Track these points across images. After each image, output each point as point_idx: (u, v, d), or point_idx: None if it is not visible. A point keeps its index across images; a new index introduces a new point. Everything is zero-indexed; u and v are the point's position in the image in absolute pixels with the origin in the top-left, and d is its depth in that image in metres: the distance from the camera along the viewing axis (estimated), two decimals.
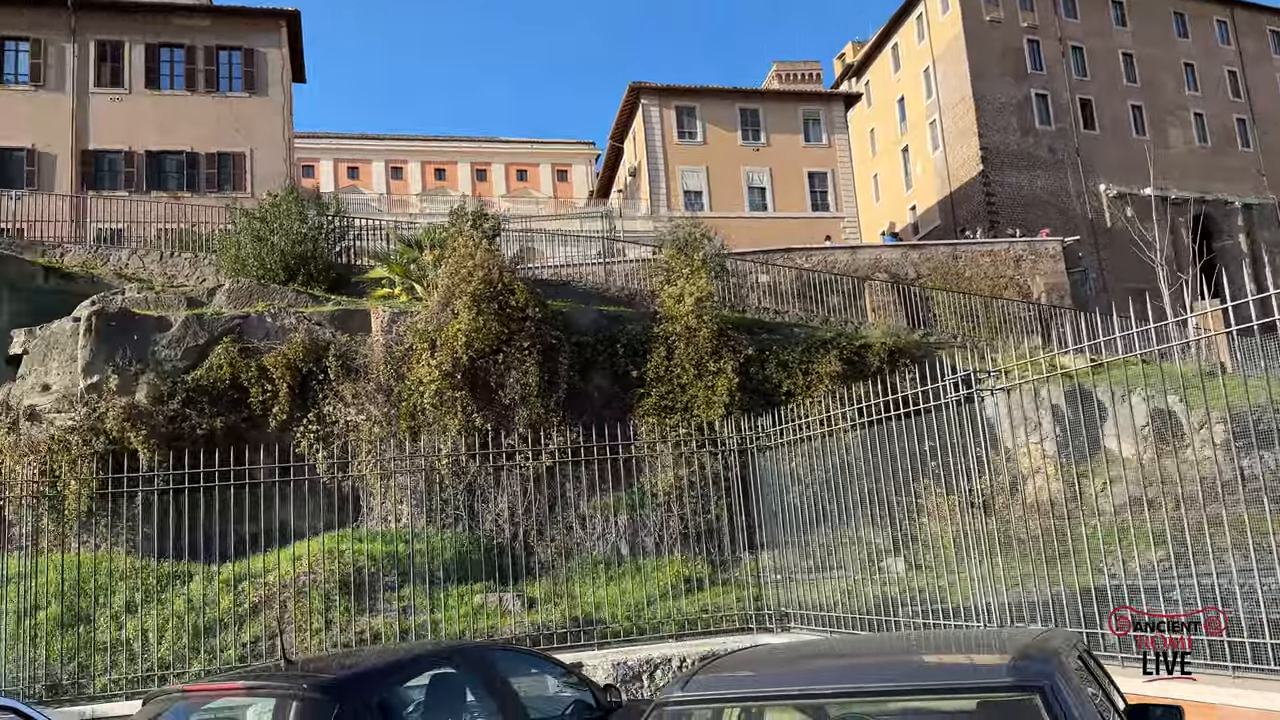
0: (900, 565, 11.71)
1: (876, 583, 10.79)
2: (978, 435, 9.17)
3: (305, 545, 13.03)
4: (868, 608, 10.39)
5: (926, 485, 11.65)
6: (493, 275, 15.31)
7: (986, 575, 9.12)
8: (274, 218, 18.01)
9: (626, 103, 40.87)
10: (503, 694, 4.95)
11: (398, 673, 4.69)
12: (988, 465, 10.08)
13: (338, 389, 15.44)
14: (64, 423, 14.93)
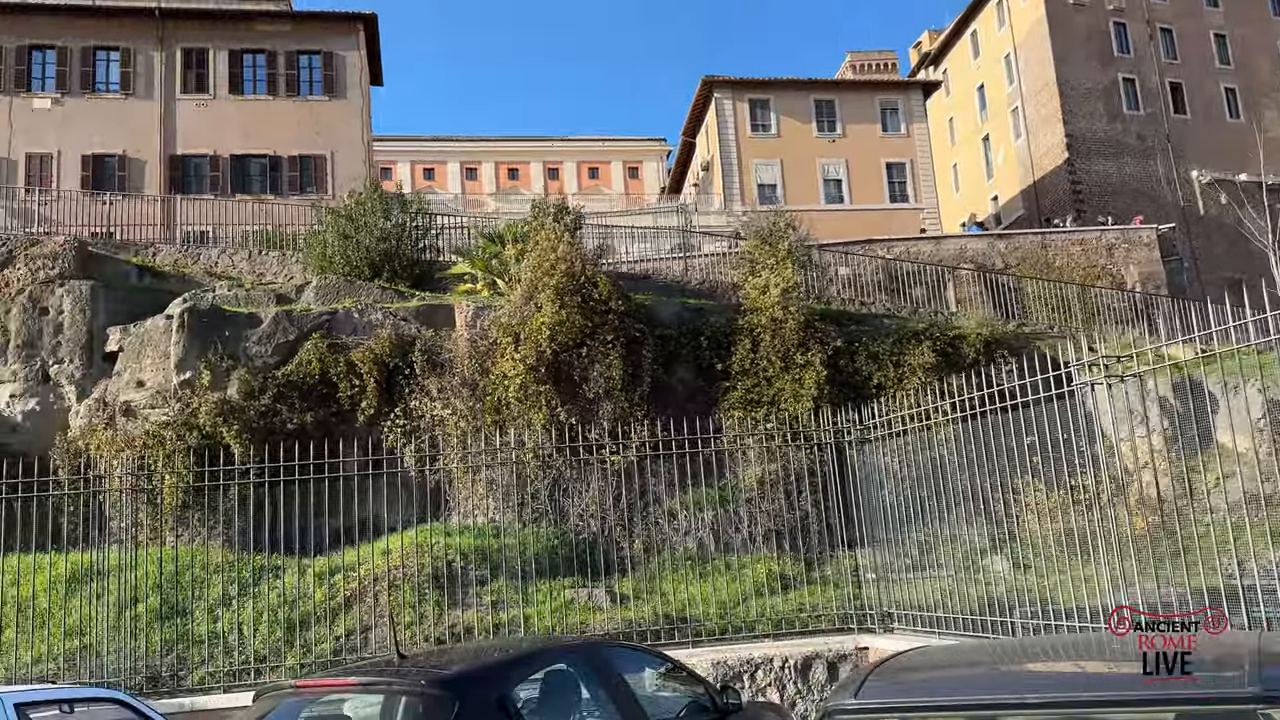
0: (1001, 564, 11.18)
1: (978, 583, 10.29)
2: (1081, 429, 8.65)
3: (394, 539, 13.04)
4: (971, 609, 9.90)
5: (1027, 481, 11.14)
6: (575, 268, 15.13)
7: (1095, 575, 8.59)
8: (359, 215, 18.12)
9: (699, 97, 40.45)
10: (619, 692, 4.69)
11: (518, 669, 4.46)
12: (1092, 460, 9.55)
13: (423, 383, 15.43)
14: (158, 418, 15.19)
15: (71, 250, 16.63)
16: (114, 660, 10.90)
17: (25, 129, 33.15)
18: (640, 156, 58.92)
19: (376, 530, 13.06)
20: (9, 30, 33.21)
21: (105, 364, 16.16)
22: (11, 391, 15.66)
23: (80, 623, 11.67)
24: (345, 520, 12.42)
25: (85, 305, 16.08)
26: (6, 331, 15.94)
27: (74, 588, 12.47)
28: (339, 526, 12.67)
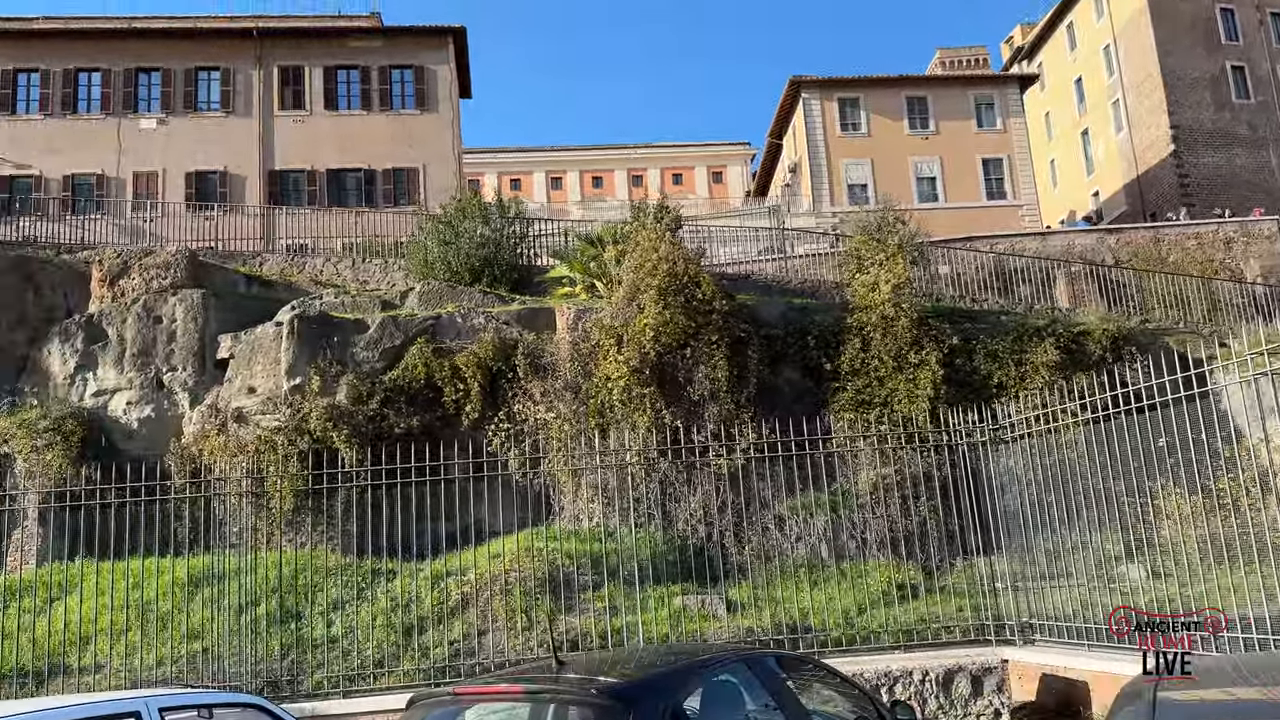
0: (1137, 572, 10.47)
1: (1113, 592, 9.64)
2: (1219, 429, 8.00)
3: (501, 543, 12.91)
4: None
5: (1163, 485, 10.41)
6: (678, 268, 14.82)
7: (1242, 584, 7.90)
8: (459, 222, 18.17)
9: (786, 97, 39.88)
10: (787, 704, 4.33)
11: (688, 678, 4.14)
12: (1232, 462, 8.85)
13: (526, 387, 15.30)
14: (269, 423, 15.37)
15: (183, 260, 17.02)
16: (233, 664, 10.94)
17: (133, 149, 34.31)
18: (724, 161, 58.52)
19: (480, 535, 12.97)
20: (118, 55, 34.49)
21: (217, 371, 16.45)
22: (128, 399, 16.04)
23: (200, 626, 11.77)
24: (450, 525, 12.34)
25: (197, 313, 16.40)
26: (123, 340, 16.35)
27: (193, 591, 12.62)
28: (446, 531, 12.61)
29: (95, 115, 34.76)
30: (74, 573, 13.29)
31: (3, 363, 16.91)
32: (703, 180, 57.38)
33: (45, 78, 34.51)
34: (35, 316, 17.38)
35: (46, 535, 14.35)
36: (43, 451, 14.98)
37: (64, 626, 11.80)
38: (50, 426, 15.20)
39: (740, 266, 19.83)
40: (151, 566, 12.43)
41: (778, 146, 43.56)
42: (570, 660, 4.51)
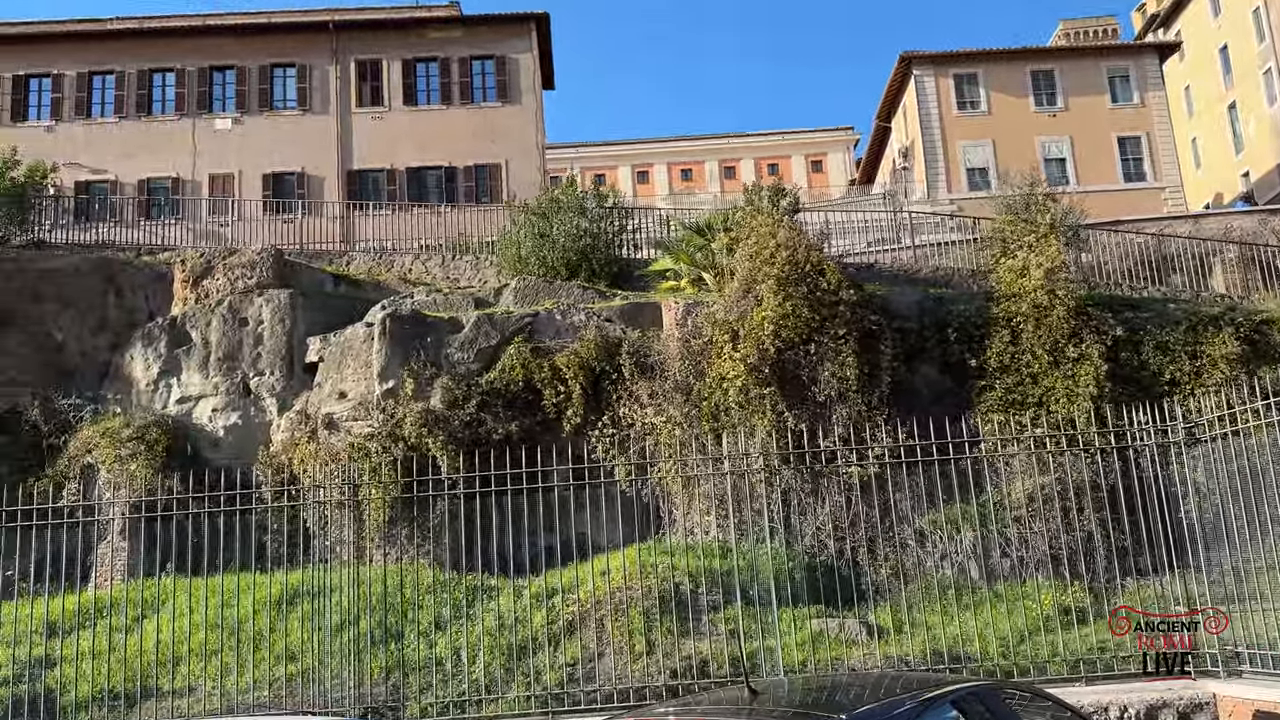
0: None
1: None
2: None
3: (611, 558, 12.56)
4: None
5: None
6: (799, 255, 14.29)
7: None
8: (553, 214, 17.98)
9: (896, 76, 38.87)
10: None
11: (916, 715, 3.66)
12: None
13: (632, 389, 14.95)
14: (361, 430, 15.32)
15: (269, 259, 17.16)
16: (332, 687, 10.80)
17: (208, 150, 35.04)
18: (824, 148, 57.56)
19: (583, 549, 12.63)
20: (192, 54, 35.34)
21: (305, 375, 16.51)
22: (214, 405, 16.21)
23: (295, 646, 11.67)
24: (551, 538, 12.06)
25: (284, 315, 16.49)
26: (207, 343, 16.54)
27: (286, 609, 12.55)
28: (546, 545, 12.33)
29: (170, 116, 35.65)
30: (161, 589, 13.36)
31: (85, 369, 17.29)
32: (801, 170, 56.48)
33: (120, 79, 35.55)
34: (117, 321, 17.73)
35: (133, 549, 14.54)
36: (126, 461, 15.20)
37: (153, 646, 11.83)
38: (134, 435, 15.42)
39: (860, 256, 19.16)
40: (242, 582, 12.42)
41: (885, 130, 42.52)
42: (763, 690, 4.07)
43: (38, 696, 10.88)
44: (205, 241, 30.33)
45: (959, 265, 17.70)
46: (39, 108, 35.22)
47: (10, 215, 20.01)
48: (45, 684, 11.37)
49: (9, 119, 33.85)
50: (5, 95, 34.16)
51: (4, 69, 34.09)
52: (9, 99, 34.09)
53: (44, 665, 11.65)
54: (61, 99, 35.18)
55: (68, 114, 35.12)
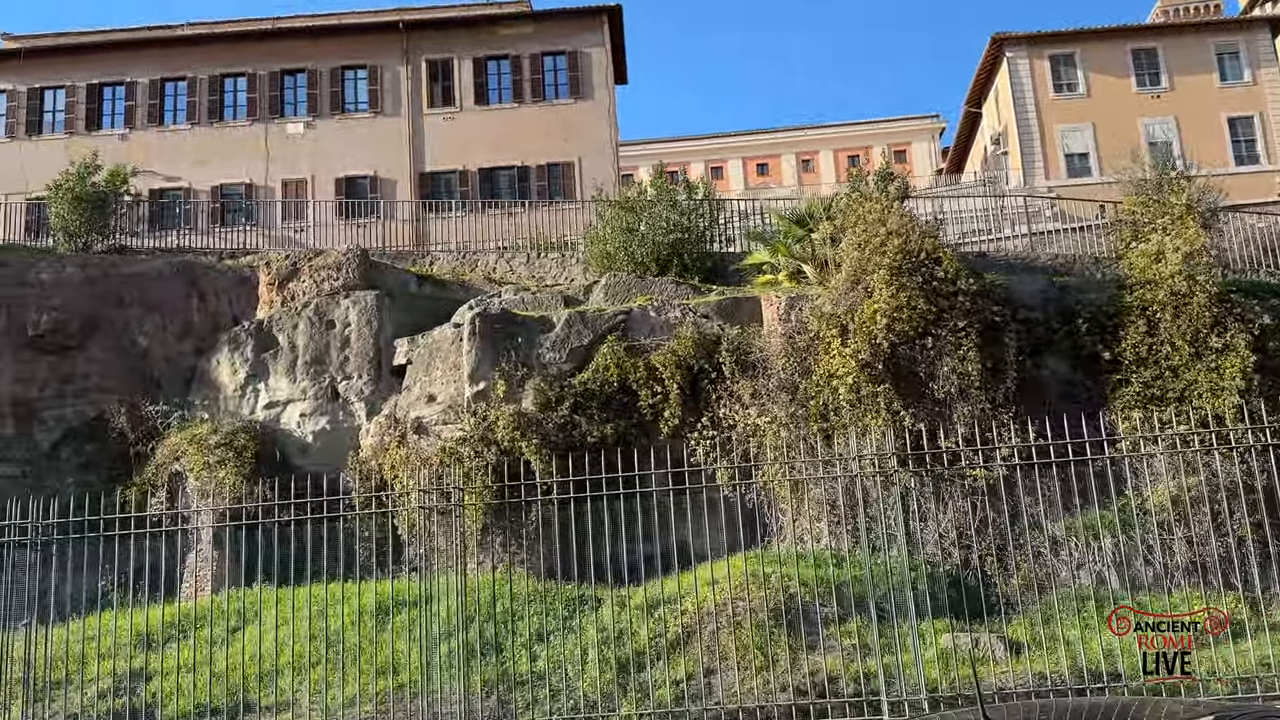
0: None
1: None
2: None
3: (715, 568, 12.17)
4: None
5: None
6: (912, 243, 13.75)
7: None
8: (643, 207, 17.68)
9: (987, 58, 37.84)
10: None
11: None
12: None
13: (733, 388, 14.56)
14: (451, 434, 15.16)
15: (355, 259, 17.13)
16: (434, 702, 10.59)
17: (280, 155, 35.34)
18: (908, 138, 56.48)
19: (683, 558, 12.26)
20: (263, 58, 35.71)
21: (393, 378, 16.42)
22: (301, 410, 16.19)
23: (394, 659, 11.50)
24: (649, 546, 11.80)
25: (371, 316, 16.42)
26: (294, 347, 16.55)
27: (382, 620, 12.41)
28: (645, 553, 12.02)
29: (242, 122, 36.06)
30: (253, 600, 13.31)
31: (170, 375, 17.44)
32: (883, 161, 55.54)
33: (192, 86, 36.03)
34: (201, 325, 17.87)
35: (222, 559, 14.53)
36: (215, 469, 15.23)
37: (250, 660, 11.74)
38: (222, 442, 15.46)
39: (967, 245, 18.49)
40: (336, 592, 12.31)
41: (976, 116, 41.45)
42: (997, 716, 3.62)
43: (138, 710, 10.83)
44: (279, 248, 30.56)
45: (1079, 252, 16.95)
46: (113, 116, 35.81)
47: (91, 221, 20.31)
48: (142, 698, 11.33)
49: (84, 128, 34.49)
50: (80, 104, 34.84)
51: (79, 78, 34.77)
52: (84, 108, 34.76)
53: (141, 679, 11.62)
54: (135, 107, 35.76)
55: (141, 122, 35.66)
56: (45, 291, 17.20)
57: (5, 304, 17.09)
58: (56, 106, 35.47)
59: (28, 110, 34.52)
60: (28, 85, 34.34)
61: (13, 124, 34.68)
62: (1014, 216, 22.16)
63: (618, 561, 11.67)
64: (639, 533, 11.48)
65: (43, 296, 17.14)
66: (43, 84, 34.26)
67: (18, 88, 34.41)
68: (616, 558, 11.56)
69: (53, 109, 35.43)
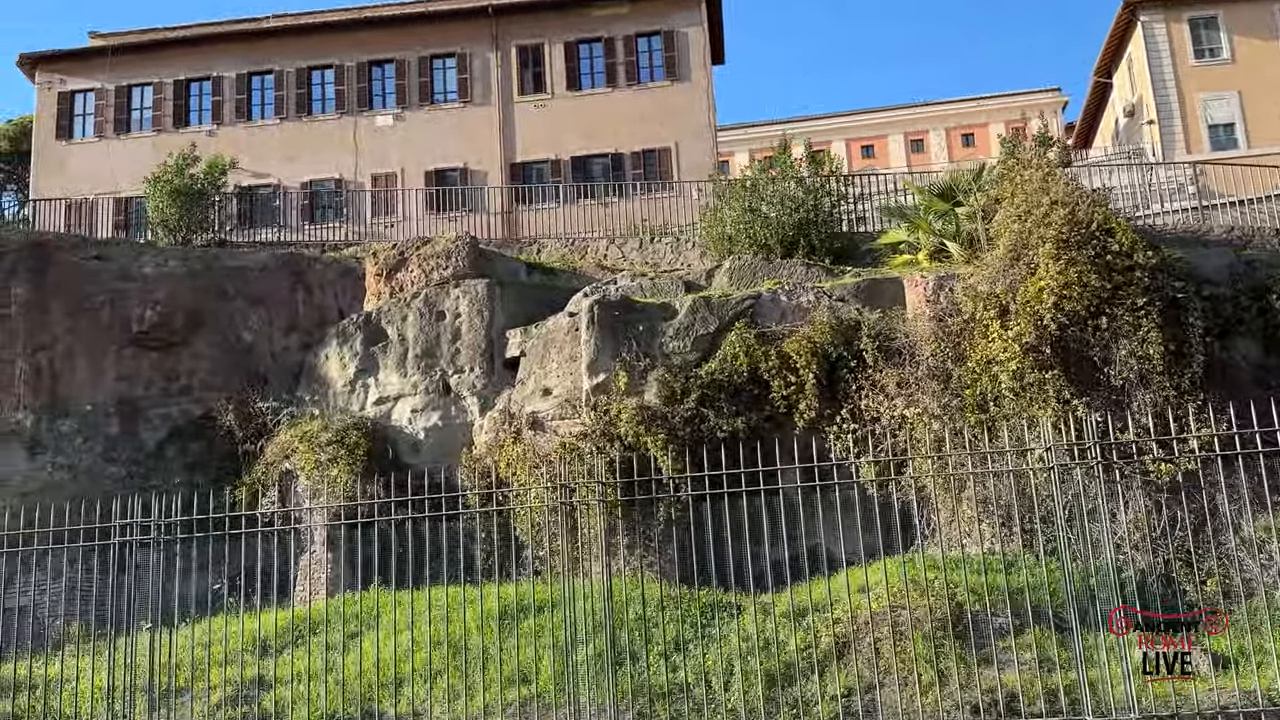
0: None
1: None
2: None
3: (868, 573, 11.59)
4: None
5: None
6: (1080, 213, 12.94)
7: None
8: (765, 185, 17.11)
9: (1118, 24, 36.21)
10: None
11: None
12: None
13: (875, 377, 13.91)
14: (569, 429, 14.82)
15: (464, 247, 16.93)
16: (571, 714, 10.23)
17: (369, 149, 35.43)
18: (1027, 113, 54.71)
19: (817, 561, 11.71)
20: (350, 48, 35.89)
21: (505, 371, 16.17)
22: (413, 406, 16.02)
23: (524, 667, 11.16)
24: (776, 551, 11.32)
25: (483, 306, 16.17)
26: (404, 339, 16.39)
27: (508, 624, 12.10)
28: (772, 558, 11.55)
29: (330, 116, 36.22)
30: (370, 603, 13.14)
31: (276, 370, 17.46)
32: (999, 136, 53.91)
33: (279, 79, 36.35)
34: (307, 319, 17.86)
35: (336, 560, 14.41)
36: (326, 467, 15.13)
37: (373, 666, 11.54)
38: (333, 439, 15.36)
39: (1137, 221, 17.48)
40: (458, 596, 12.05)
41: (1105, 86, 39.73)
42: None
43: (265, 718, 10.67)
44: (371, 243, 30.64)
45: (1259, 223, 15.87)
46: (200, 112, 36.28)
47: (190, 214, 20.52)
48: (263, 707, 11.19)
49: (171, 125, 34.97)
50: (167, 101, 35.33)
51: (166, 74, 35.30)
52: (171, 105, 35.23)
53: (262, 686, 11.48)
54: (222, 102, 36.22)
55: (228, 117, 36.09)
56: (148, 286, 17.37)
57: (108, 299, 17.30)
58: (144, 104, 36.02)
59: (115, 109, 35.16)
60: (115, 83, 34.99)
61: (101, 123, 35.32)
62: (1164, 191, 20.95)
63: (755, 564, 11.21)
64: (775, 534, 11.04)
65: (145, 291, 17.31)
66: (130, 81, 34.87)
67: (106, 86, 35.09)
68: (751, 560, 11.07)
69: (140, 106, 35.99)
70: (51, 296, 17.12)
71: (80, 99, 35.44)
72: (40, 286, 17.10)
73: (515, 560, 14.08)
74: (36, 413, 16.46)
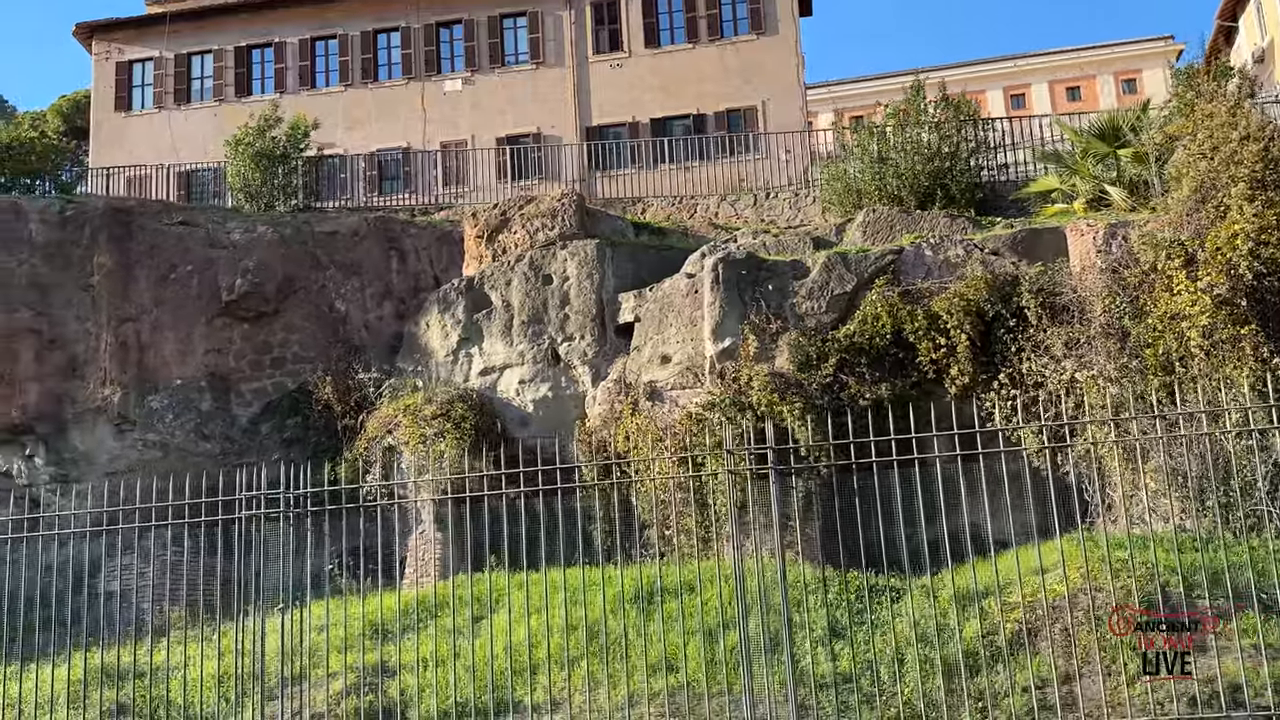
0: None
1: None
2: None
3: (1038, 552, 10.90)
4: None
5: None
6: (1275, 149, 12.05)
7: None
8: (895, 132, 16.39)
9: None
10: None
11: None
12: None
13: (1037, 337, 13.18)
14: (691, 399, 14.31)
15: (571, 205, 16.45)
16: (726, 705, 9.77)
17: (438, 116, 34.98)
18: (1137, 64, 52.73)
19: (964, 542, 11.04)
20: (416, 9, 35.43)
21: (617, 338, 15.68)
22: (520, 376, 15.61)
23: (668, 654, 10.69)
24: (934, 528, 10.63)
25: (592, 269, 15.69)
26: (509, 306, 15.96)
27: (641, 608, 11.67)
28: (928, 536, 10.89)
29: (397, 81, 35.80)
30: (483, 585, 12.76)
31: (371, 341, 17.17)
32: (1109, 91, 52.03)
33: (343, 44, 36.00)
34: (401, 287, 17.55)
35: (446, 540, 14.06)
36: (433, 442, 14.77)
37: (503, 652, 11.18)
38: (438, 412, 15.01)
39: None
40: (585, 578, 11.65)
41: (1229, 30, 38.01)
42: None
43: (391, 707, 10.34)
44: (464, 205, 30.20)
45: None
46: (262, 80, 35.97)
47: (273, 178, 20.26)
48: (389, 695, 10.86)
49: (233, 94, 34.77)
50: (229, 69, 35.14)
51: (226, 41, 35.10)
52: (232, 73, 35.05)
53: (385, 673, 11.15)
54: (285, 69, 35.92)
55: (291, 85, 35.76)
56: (237, 253, 17.14)
57: (196, 268, 17.08)
58: (204, 72, 35.89)
59: (175, 79, 35.02)
60: (175, 52, 34.81)
61: (161, 93, 35.19)
62: None
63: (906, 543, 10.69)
64: (929, 511, 10.44)
65: (235, 258, 17.08)
66: (189, 49, 34.73)
67: (165, 54, 34.94)
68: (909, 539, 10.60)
69: (200, 75, 35.84)
70: (137, 265, 16.95)
71: (139, 69, 35.38)
72: (125, 255, 16.94)
73: (639, 539, 13.69)
74: (125, 388, 16.31)
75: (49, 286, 16.69)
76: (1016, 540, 11.33)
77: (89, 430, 16.28)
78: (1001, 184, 17.10)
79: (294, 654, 10.60)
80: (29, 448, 16.29)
